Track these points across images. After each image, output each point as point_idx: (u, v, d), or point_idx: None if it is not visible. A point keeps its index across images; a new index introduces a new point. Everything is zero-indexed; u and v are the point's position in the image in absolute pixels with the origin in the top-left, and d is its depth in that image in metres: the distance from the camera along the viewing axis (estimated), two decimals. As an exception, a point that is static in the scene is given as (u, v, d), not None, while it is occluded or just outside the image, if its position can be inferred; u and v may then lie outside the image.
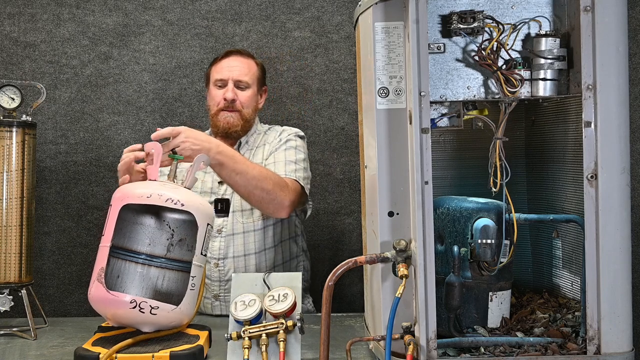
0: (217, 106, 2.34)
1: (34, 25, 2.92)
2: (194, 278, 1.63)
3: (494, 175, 1.59)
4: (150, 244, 1.60)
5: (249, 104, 2.36)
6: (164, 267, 1.60)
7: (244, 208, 2.29)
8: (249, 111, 2.36)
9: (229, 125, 2.33)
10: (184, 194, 1.64)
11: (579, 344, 1.50)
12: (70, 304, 2.94)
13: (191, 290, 1.63)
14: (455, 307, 1.56)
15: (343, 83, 2.96)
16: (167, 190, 1.63)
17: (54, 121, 2.92)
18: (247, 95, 2.36)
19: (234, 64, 2.37)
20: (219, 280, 2.29)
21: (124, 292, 1.57)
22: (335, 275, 1.50)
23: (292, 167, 2.24)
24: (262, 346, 1.57)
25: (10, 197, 2.06)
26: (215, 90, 2.37)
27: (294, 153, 2.29)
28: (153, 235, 1.61)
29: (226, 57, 2.39)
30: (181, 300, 1.61)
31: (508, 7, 1.56)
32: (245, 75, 2.36)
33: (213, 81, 2.38)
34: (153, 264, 1.60)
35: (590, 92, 1.45)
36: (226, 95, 2.32)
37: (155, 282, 1.59)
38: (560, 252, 1.80)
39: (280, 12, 2.95)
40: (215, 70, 2.39)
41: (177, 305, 1.61)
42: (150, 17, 2.94)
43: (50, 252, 2.93)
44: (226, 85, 2.34)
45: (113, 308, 1.59)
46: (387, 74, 1.54)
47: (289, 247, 2.39)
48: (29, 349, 1.88)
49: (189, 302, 1.63)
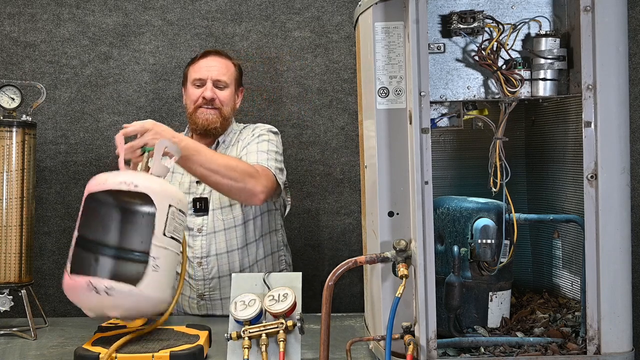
0: (195, 104, 2.34)
1: (34, 25, 2.92)
2: (155, 259, 1.57)
3: (494, 175, 1.59)
4: (104, 228, 1.58)
5: (227, 102, 2.36)
6: (120, 248, 1.57)
7: (223, 205, 2.29)
8: (228, 109, 2.36)
9: (208, 122, 2.33)
10: (142, 177, 1.60)
11: (579, 344, 1.50)
12: (70, 304, 2.91)
13: (154, 272, 1.56)
14: (455, 307, 1.56)
15: (343, 83, 2.96)
16: (125, 175, 1.60)
17: (54, 121, 2.92)
18: (226, 94, 2.36)
19: (212, 64, 2.36)
20: (203, 279, 2.29)
21: (81, 275, 1.55)
22: (335, 275, 1.50)
23: (264, 156, 2.24)
24: (262, 346, 1.57)
25: (10, 197, 2.06)
26: (193, 89, 2.36)
27: (266, 145, 2.29)
28: (106, 219, 1.58)
29: (204, 57, 2.39)
30: (140, 281, 1.54)
31: (508, 7, 1.56)
32: (223, 75, 2.36)
33: (191, 80, 2.37)
34: (107, 247, 1.57)
35: (590, 92, 1.45)
36: (205, 94, 2.32)
37: (112, 264, 1.56)
38: (560, 252, 1.80)
39: (280, 12, 2.95)
40: (194, 70, 2.38)
41: (134, 285, 1.54)
42: (150, 17, 2.94)
43: (50, 252, 2.93)
44: (204, 84, 2.34)
45: (75, 294, 1.57)
46: (387, 74, 1.54)
47: (269, 240, 2.39)
48: (29, 349, 1.88)
49: (153, 284, 1.56)
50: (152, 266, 1.56)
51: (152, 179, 1.62)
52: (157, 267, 1.57)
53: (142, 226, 1.59)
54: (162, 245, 1.58)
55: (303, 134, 2.96)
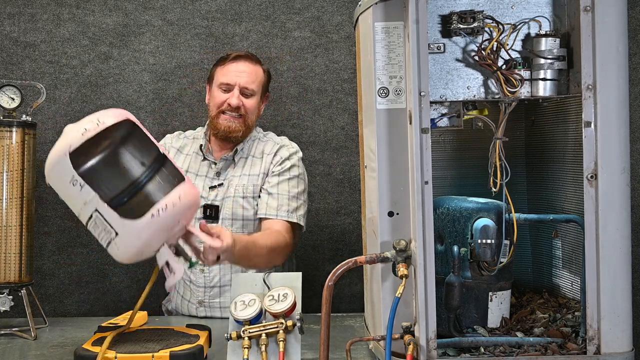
0: (218, 108, 2.30)
1: (34, 25, 2.92)
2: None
3: (494, 175, 1.59)
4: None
5: (252, 110, 2.31)
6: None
7: (235, 217, 2.27)
8: (252, 118, 2.32)
9: (230, 130, 2.29)
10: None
11: (579, 344, 1.50)
12: (70, 304, 2.94)
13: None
14: (455, 307, 1.56)
15: (343, 83, 2.96)
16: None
17: (54, 121, 2.92)
18: (252, 103, 2.31)
19: (241, 69, 2.31)
20: (204, 287, 2.27)
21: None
22: (335, 275, 1.50)
23: (294, 204, 2.25)
24: (262, 346, 1.57)
25: (10, 197, 2.06)
26: (218, 93, 2.31)
27: (296, 184, 2.28)
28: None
29: (235, 61, 2.33)
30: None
31: (508, 7, 1.56)
32: (252, 82, 2.30)
33: (218, 83, 2.32)
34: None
35: (590, 92, 1.45)
36: (231, 101, 2.27)
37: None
38: (560, 252, 1.80)
39: (280, 12, 2.95)
40: (222, 73, 2.32)
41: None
42: (150, 17, 2.94)
43: (50, 252, 2.93)
44: (231, 90, 2.29)
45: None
46: (387, 74, 1.54)
47: None
48: (29, 349, 1.88)
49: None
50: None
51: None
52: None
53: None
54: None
55: (303, 134, 2.96)
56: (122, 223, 1.53)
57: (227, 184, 2.29)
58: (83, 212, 1.56)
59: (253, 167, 2.31)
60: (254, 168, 2.31)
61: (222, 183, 2.30)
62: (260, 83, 2.34)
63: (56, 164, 1.57)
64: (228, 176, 2.31)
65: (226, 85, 2.30)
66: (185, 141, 2.43)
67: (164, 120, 2.94)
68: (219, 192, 2.28)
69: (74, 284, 2.94)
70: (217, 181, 2.31)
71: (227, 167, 2.33)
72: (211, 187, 2.30)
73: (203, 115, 2.93)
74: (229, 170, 2.32)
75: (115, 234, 1.54)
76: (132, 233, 1.53)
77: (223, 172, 2.32)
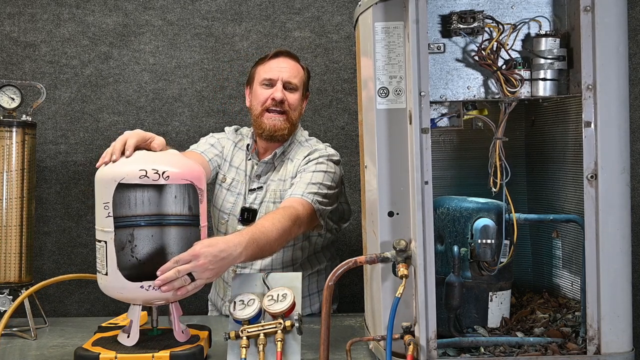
0: (262, 106, 2.23)
1: (34, 25, 2.92)
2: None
3: (494, 175, 1.59)
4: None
5: (296, 106, 2.26)
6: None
7: None
8: (295, 114, 2.26)
9: (275, 129, 2.22)
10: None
11: (579, 344, 1.50)
12: (70, 304, 2.94)
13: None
14: (455, 307, 1.56)
15: (343, 83, 2.96)
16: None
17: (54, 121, 2.92)
18: (295, 98, 2.25)
19: (283, 65, 2.26)
20: None
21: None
22: (335, 275, 1.50)
23: (313, 188, 2.09)
24: (260, 346, 1.57)
25: (10, 197, 2.06)
26: (261, 90, 2.25)
27: (321, 176, 2.14)
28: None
29: (275, 57, 2.28)
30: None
31: (508, 7, 1.56)
32: (294, 77, 2.25)
33: (260, 80, 2.26)
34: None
35: (590, 92, 1.45)
36: (275, 95, 2.21)
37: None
38: (560, 252, 1.80)
39: (280, 12, 2.95)
40: (263, 70, 2.27)
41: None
42: (150, 17, 2.94)
43: (50, 252, 2.93)
44: (274, 85, 2.23)
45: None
46: (387, 74, 1.54)
47: (315, 260, 2.33)
48: (29, 349, 1.88)
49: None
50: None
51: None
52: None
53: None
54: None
55: (303, 134, 2.95)
56: (115, 271, 1.62)
57: (265, 187, 2.25)
58: (99, 228, 1.65)
59: (287, 172, 2.26)
60: (288, 173, 2.25)
61: (261, 186, 2.26)
62: (302, 79, 2.29)
63: (104, 177, 1.64)
64: (268, 180, 2.27)
65: (269, 80, 2.24)
66: (240, 137, 2.38)
67: (164, 120, 2.94)
68: (258, 196, 2.25)
69: (74, 284, 2.93)
70: (256, 184, 2.27)
71: (267, 171, 2.28)
72: (250, 190, 2.26)
73: (203, 115, 2.93)
74: (269, 174, 2.27)
75: (106, 273, 1.63)
76: (117, 284, 1.63)
77: (263, 176, 2.28)
